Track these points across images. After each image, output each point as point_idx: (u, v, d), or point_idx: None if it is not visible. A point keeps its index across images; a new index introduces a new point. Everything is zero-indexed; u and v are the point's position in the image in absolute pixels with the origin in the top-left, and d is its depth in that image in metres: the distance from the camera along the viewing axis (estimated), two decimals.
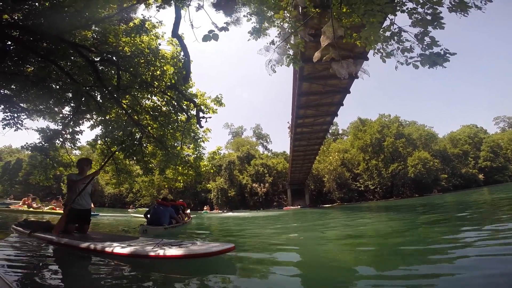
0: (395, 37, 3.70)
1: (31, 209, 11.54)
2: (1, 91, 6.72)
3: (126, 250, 2.93)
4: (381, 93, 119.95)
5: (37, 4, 5.08)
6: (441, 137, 54.08)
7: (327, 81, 16.72)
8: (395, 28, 3.68)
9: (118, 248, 3.00)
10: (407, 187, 44.62)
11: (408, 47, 3.59)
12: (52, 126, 8.86)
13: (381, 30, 3.74)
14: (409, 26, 3.58)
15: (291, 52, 4.89)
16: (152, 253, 2.73)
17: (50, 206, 12.22)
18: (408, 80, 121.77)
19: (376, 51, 3.88)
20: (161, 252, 2.72)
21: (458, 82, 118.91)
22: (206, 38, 3.77)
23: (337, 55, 3.42)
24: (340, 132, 65.99)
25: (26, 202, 12.92)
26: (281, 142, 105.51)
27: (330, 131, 36.44)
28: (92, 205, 5.20)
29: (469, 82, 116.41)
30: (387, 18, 3.78)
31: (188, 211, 10.95)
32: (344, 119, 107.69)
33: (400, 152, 46.47)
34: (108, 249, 3.04)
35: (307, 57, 13.43)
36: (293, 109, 20.51)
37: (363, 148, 49.34)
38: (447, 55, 3.37)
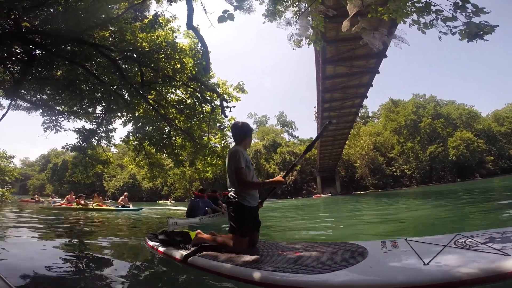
0: (430, 7, 3.28)
1: (79, 206, 12.35)
2: (38, 96, 7.29)
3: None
4: (412, 73, 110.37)
5: (51, 9, 5.28)
6: (484, 116, 48.85)
7: (353, 62, 15.90)
8: None
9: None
10: (448, 171, 41.33)
11: (450, 16, 3.16)
12: (88, 126, 9.46)
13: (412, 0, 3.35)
14: None
15: (311, 31, 4.59)
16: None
17: (97, 203, 12.87)
18: (442, 60, 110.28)
19: (411, 22, 3.51)
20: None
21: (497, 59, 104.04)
22: (221, 19, 3.61)
23: (368, 24, 3.09)
24: (370, 114, 62.71)
25: (70, 199, 14.18)
26: (307, 128, 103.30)
27: (359, 114, 34.75)
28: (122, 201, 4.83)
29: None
30: None
31: None
32: (373, 102, 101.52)
33: (438, 133, 43.03)
34: None
35: (328, 39, 12.77)
36: (318, 93, 19.86)
37: (396, 130, 46.37)
38: (488, 27, 2.92)
